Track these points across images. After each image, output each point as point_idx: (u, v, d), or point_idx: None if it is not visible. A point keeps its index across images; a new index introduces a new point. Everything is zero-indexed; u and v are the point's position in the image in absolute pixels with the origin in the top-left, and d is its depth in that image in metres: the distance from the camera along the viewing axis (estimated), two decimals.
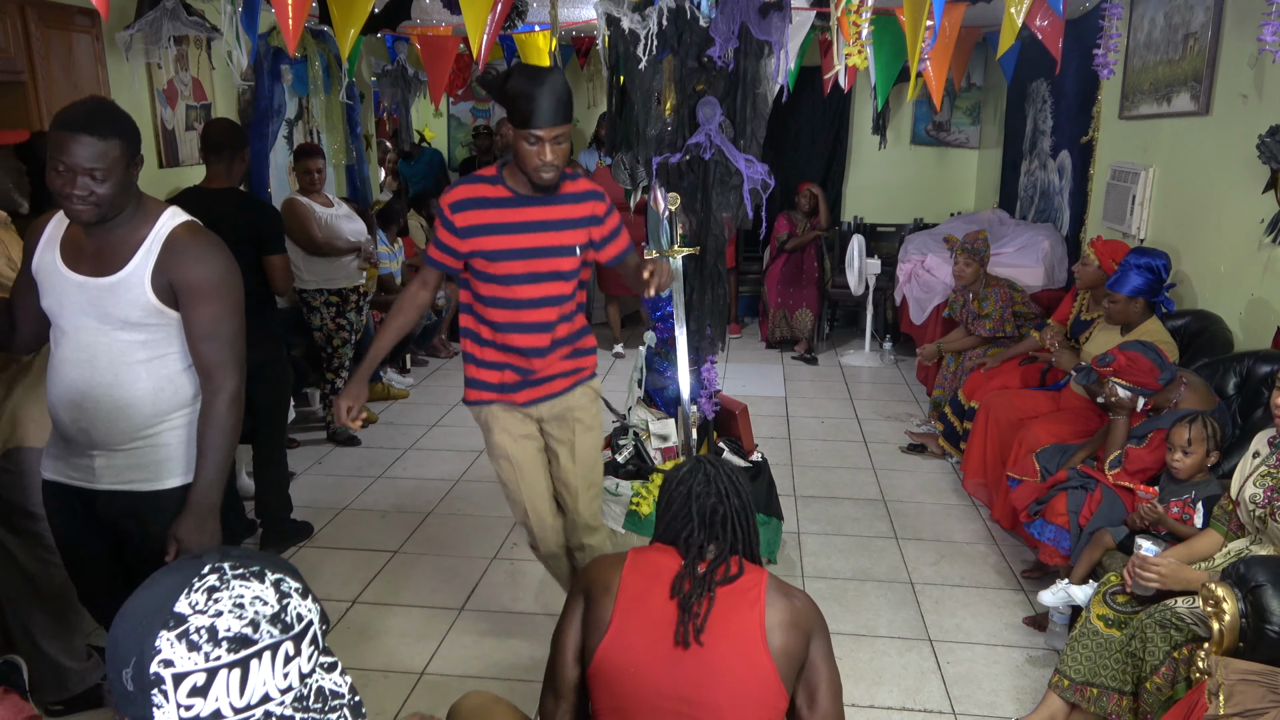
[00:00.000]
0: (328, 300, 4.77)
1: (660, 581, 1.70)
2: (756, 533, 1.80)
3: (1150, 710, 2.25)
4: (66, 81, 3.81)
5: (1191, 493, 2.73)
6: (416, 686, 2.84)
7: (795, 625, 1.67)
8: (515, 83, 2.35)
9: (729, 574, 1.71)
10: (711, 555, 1.73)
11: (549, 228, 2.49)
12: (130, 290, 1.96)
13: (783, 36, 3.04)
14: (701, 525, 1.74)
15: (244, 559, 0.99)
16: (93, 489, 2.09)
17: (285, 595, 0.97)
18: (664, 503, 1.82)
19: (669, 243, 3.18)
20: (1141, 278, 3.52)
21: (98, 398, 1.99)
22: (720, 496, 1.76)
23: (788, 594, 1.72)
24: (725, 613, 1.67)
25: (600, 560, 1.85)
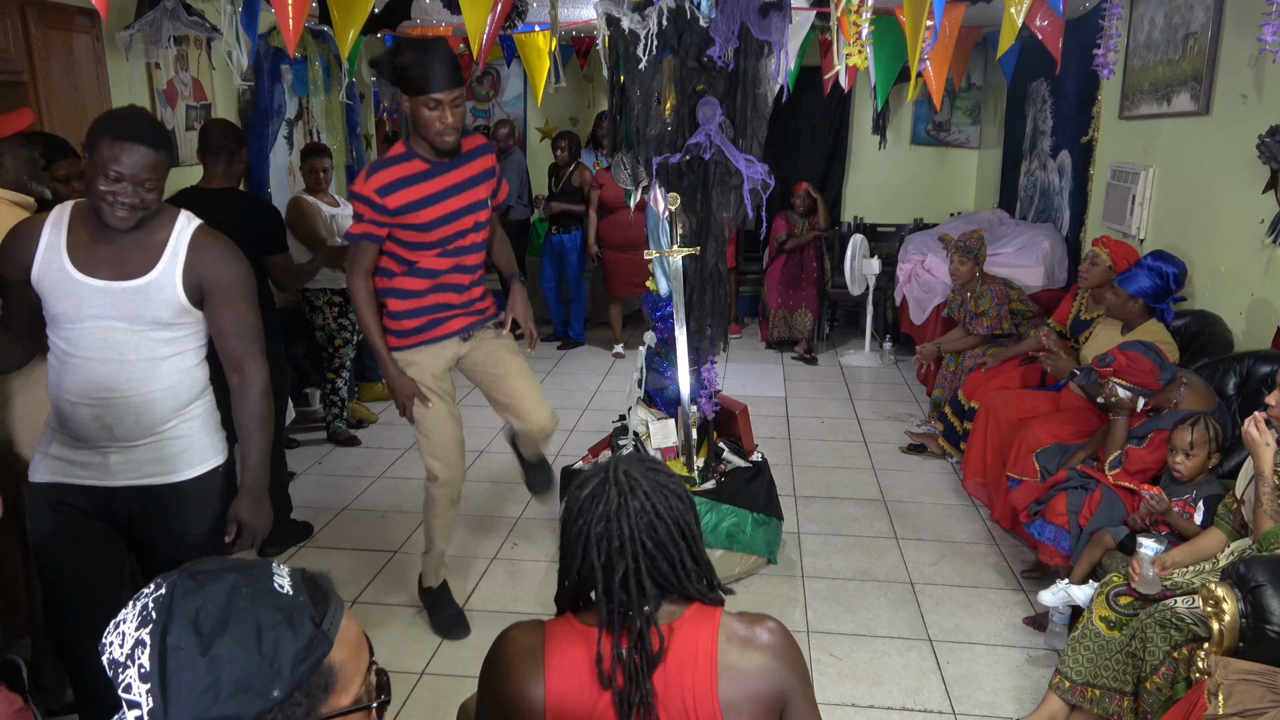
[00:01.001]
0: (330, 300, 4.76)
1: (590, 685, 1.31)
2: (697, 568, 1.37)
3: (1150, 710, 2.25)
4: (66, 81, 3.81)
5: (1192, 492, 2.73)
6: (416, 686, 2.84)
7: (766, 692, 1.32)
8: (405, 56, 2.55)
9: (651, 655, 1.30)
10: (638, 623, 1.31)
11: (464, 187, 2.76)
12: (162, 292, 2.03)
13: (783, 36, 3.04)
14: (610, 591, 1.31)
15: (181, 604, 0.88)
16: (106, 486, 2.11)
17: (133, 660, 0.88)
18: (562, 543, 1.38)
19: (669, 243, 3.18)
20: (1149, 280, 3.52)
21: (125, 394, 2.04)
22: (624, 540, 1.31)
23: (751, 646, 1.33)
24: (673, 705, 1.30)
25: (509, 661, 1.36)
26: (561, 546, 1.39)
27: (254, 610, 0.89)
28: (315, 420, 5.17)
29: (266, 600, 0.90)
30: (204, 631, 0.87)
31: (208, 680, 0.86)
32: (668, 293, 3.31)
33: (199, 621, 0.87)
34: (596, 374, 6.32)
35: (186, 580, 0.91)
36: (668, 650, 1.32)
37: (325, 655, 0.92)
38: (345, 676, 0.94)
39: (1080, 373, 3.44)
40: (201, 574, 0.92)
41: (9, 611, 2.86)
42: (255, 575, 0.93)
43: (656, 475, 1.38)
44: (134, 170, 1.91)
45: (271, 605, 0.90)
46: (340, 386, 4.91)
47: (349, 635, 0.97)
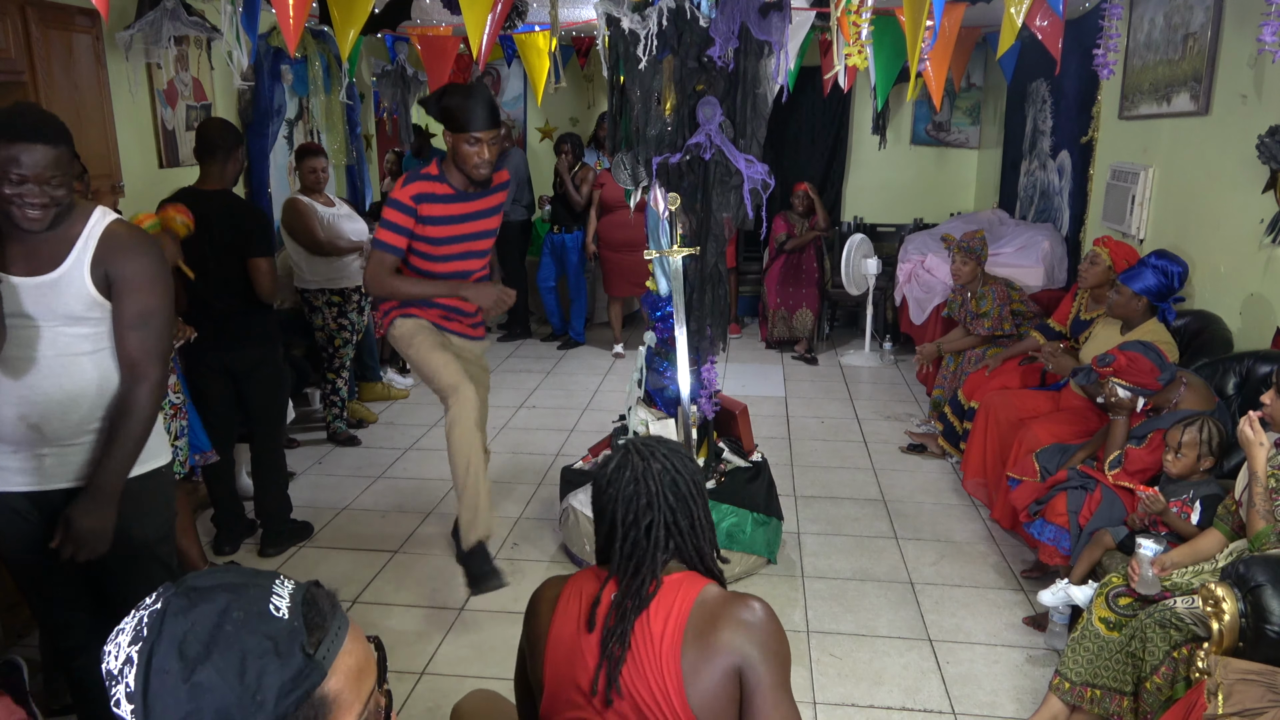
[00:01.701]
0: (329, 300, 4.77)
1: (585, 614, 1.48)
2: (708, 532, 1.53)
3: (1150, 710, 2.25)
4: (66, 81, 3.81)
5: (1189, 492, 2.73)
6: (416, 686, 2.84)
7: (715, 662, 1.37)
8: (450, 99, 2.92)
9: (644, 597, 1.43)
10: (644, 573, 1.46)
11: (479, 216, 3.11)
12: (72, 284, 2.00)
13: (783, 36, 3.04)
14: (635, 542, 1.46)
15: (172, 624, 0.87)
16: (45, 491, 2.08)
17: (116, 680, 0.87)
18: (595, 512, 1.54)
19: (669, 243, 3.18)
20: (1155, 278, 3.52)
21: (46, 390, 2.01)
22: (651, 497, 1.47)
23: (715, 624, 1.39)
24: (638, 659, 1.40)
25: (535, 600, 1.59)
26: (595, 516, 1.54)
27: (241, 637, 0.86)
28: (315, 420, 5.17)
29: (256, 626, 0.87)
30: (188, 656, 0.85)
31: (188, 707, 0.84)
32: (668, 293, 3.31)
33: (185, 645, 0.85)
34: (596, 374, 6.32)
35: (180, 598, 0.88)
36: (655, 601, 1.44)
37: (316, 686, 0.88)
38: (340, 706, 0.91)
39: (1080, 373, 3.44)
40: (195, 592, 0.89)
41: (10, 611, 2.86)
42: (251, 596, 0.90)
43: (668, 443, 1.57)
44: (36, 170, 1.87)
45: (261, 632, 0.87)
46: (340, 386, 4.91)
47: (348, 663, 0.92)
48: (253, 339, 3.54)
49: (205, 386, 3.50)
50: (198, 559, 3.38)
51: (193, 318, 3.40)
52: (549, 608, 1.53)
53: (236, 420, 3.68)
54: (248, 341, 3.52)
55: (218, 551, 3.66)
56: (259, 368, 3.57)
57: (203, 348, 3.43)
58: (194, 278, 3.22)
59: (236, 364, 3.51)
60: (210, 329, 3.41)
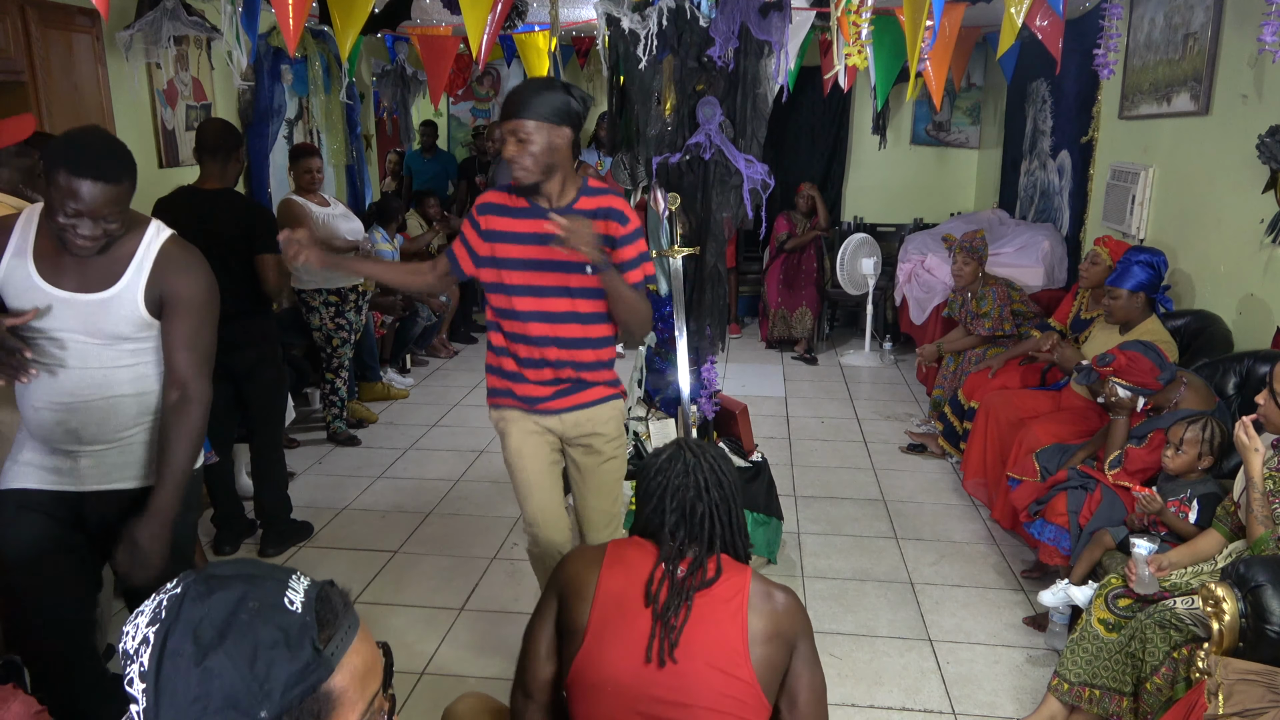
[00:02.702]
0: (326, 300, 4.76)
1: (638, 585, 1.61)
2: (742, 527, 1.70)
3: (1150, 711, 2.25)
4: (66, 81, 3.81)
5: (1187, 491, 2.74)
6: (416, 686, 2.84)
7: (779, 634, 1.59)
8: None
9: (706, 579, 1.60)
10: (691, 555, 1.62)
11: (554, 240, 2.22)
12: (124, 306, 1.99)
13: (783, 36, 3.03)
14: (680, 523, 1.64)
15: (190, 609, 0.88)
16: (79, 491, 2.08)
17: (131, 660, 0.89)
18: (641, 494, 1.70)
19: (669, 243, 3.18)
20: (1145, 273, 3.52)
21: (89, 399, 2.01)
22: (700, 490, 1.64)
23: (771, 600, 1.61)
24: (705, 623, 1.57)
25: (577, 556, 1.74)
26: (639, 499, 1.70)
27: (255, 627, 0.88)
28: (315, 420, 5.17)
29: (270, 617, 0.89)
30: (202, 641, 0.86)
31: (198, 691, 0.85)
32: (668, 293, 3.31)
33: (200, 630, 0.87)
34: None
35: (200, 584, 0.90)
36: (713, 577, 1.61)
37: (322, 682, 0.90)
38: (344, 704, 0.92)
39: (1080, 372, 3.44)
40: (214, 579, 0.91)
41: None
42: (267, 588, 0.92)
43: (715, 447, 1.76)
44: (93, 205, 1.85)
45: (274, 624, 0.89)
46: (339, 386, 4.91)
47: (355, 662, 0.94)
48: (253, 339, 3.54)
49: None
50: (198, 559, 3.38)
51: None
52: (594, 564, 1.66)
53: (236, 421, 3.68)
54: (248, 342, 3.52)
55: (218, 551, 3.66)
56: (259, 368, 3.56)
57: None
58: None
59: (237, 364, 3.51)
60: None
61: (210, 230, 3.34)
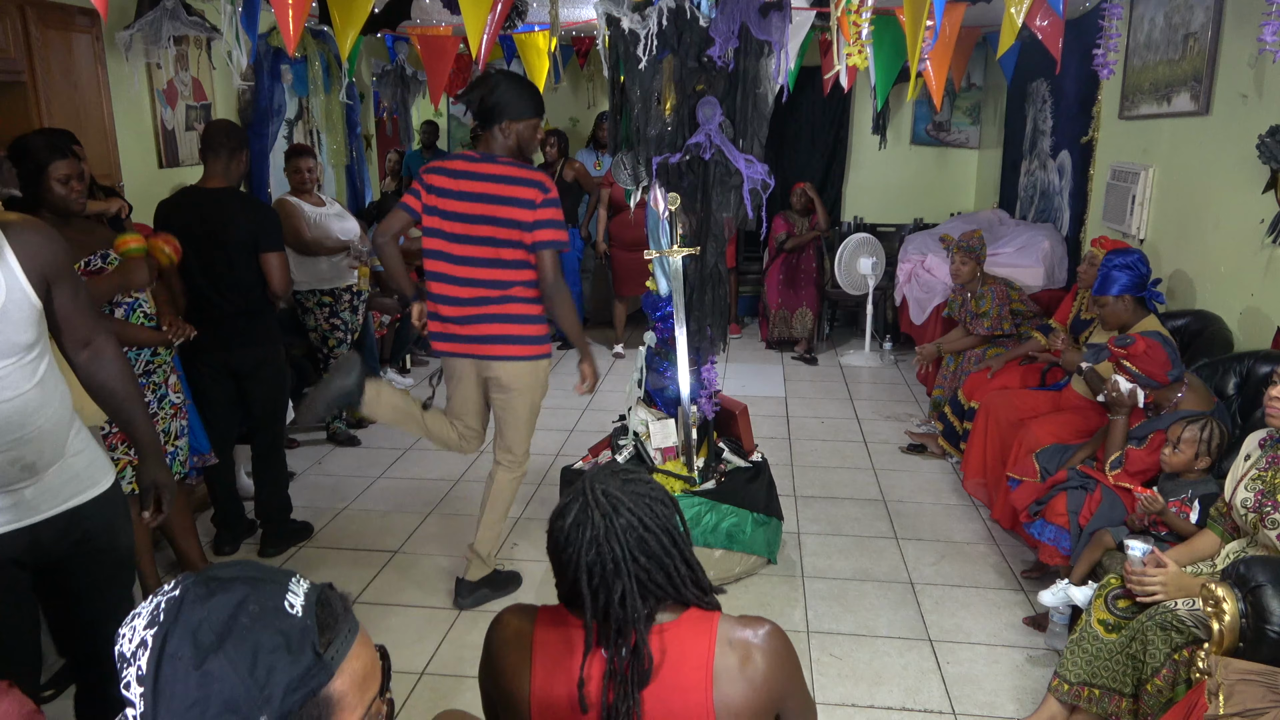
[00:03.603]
0: (320, 300, 4.76)
1: (576, 681, 1.31)
2: (691, 574, 1.36)
3: (1150, 712, 2.25)
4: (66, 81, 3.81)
5: (1188, 491, 2.74)
6: (416, 686, 2.84)
7: (758, 706, 1.32)
8: (511, 84, 2.97)
9: (643, 671, 1.29)
10: (632, 636, 1.30)
11: (495, 201, 2.92)
12: (21, 308, 1.76)
13: (783, 36, 3.03)
14: (609, 610, 1.29)
15: (189, 612, 0.88)
16: (29, 525, 1.87)
17: (128, 662, 0.88)
18: (556, 565, 1.36)
19: (669, 243, 3.18)
20: (1126, 275, 3.52)
21: (37, 425, 1.80)
22: (619, 561, 1.29)
23: (747, 664, 1.31)
24: (670, 707, 1.29)
25: (497, 649, 1.42)
26: (555, 565, 1.37)
27: (255, 631, 0.87)
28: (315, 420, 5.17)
29: (270, 621, 0.88)
30: (202, 645, 0.86)
31: (197, 695, 0.85)
32: (668, 293, 3.31)
33: (199, 634, 0.86)
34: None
35: (199, 586, 0.90)
36: (662, 658, 1.32)
37: (323, 686, 0.89)
38: (344, 709, 0.92)
39: (1091, 349, 3.42)
40: (215, 582, 0.90)
41: None
42: (267, 591, 0.91)
43: (635, 486, 1.35)
44: None
45: (275, 628, 0.88)
46: None
47: (354, 666, 0.94)
48: (256, 339, 3.54)
49: (207, 386, 3.50)
50: (198, 559, 3.38)
51: (195, 318, 3.40)
52: (522, 658, 1.37)
53: (238, 420, 3.68)
54: (251, 341, 3.52)
55: (217, 551, 3.66)
56: (262, 368, 3.57)
57: (205, 348, 3.43)
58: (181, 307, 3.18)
59: (240, 364, 3.51)
60: (213, 329, 3.41)
61: (215, 230, 3.35)
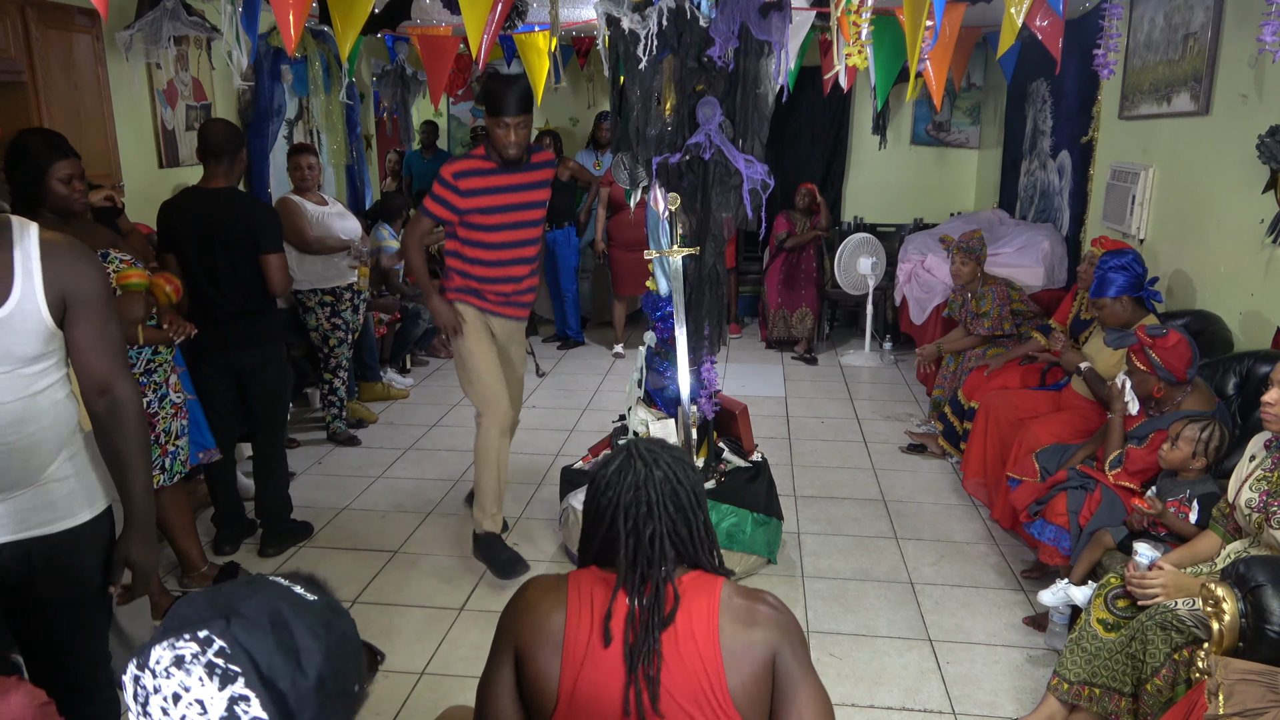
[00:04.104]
0: (322, 300, 4.76)
1: (601, 625, 1.43)
2: (708, 536, 1.52)
3: (1150, 711, 2.25)
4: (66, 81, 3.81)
5: (1186, 491, 2.74)
6: (416, 686, 2.84)
7: (755, 656, 1.42)
8: (490, 84, 3.28)
9: (665, 615, 1.42)
10: (651, 583, 1.43)
11: (524, 188, 3.37)
12: (27, 320, 1.70)
13: (783, 36, 3.03)
14: (637, 548, 1.44)
15: (250, 643, 0.90)
16: None
17: (233, 718, 0.88)
18: (591, 513, 1.50)
19: (669, 243, 3.18)
20: (1122, 277, 3.52)
21: (8, 439, 1.72)
22: (651, 505, 1.44)
23: (746, 615, 1.44)
24: (678, 665, 1.40)
25: (532, 601, 1.51)
26: (588, 517, 1.50)
27: (298, 619, 0.94)
28: (315, 420, 5.17)
29: (302, 609, 0.96)
30: (288, 646, 0.91)
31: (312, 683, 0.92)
32: (668, 293, 3.31)
33: (276, 648, 0.91)
34: (596, 374, 6.32)
35: (220, 621, 0.90)
36: (676, 604, 1.43)
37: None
38: None
39: (1114, 334, 3.41)
40: (233, 612, 0.92)
41: None
42: (265, 596, 0.95)
43: (673, 450, 1.53)
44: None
45: (305, 614, 0.96)
46: (338, 386, 4.91)
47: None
48: (258, 338, 3.54)
49: (208, 386, 3.50)
50: (198, 559, 3.38)
51: (196, 318, 3.40)
52: (555, 614, 1.46)
53: (240, 419, 3.68)
54: (253, 341, 3.52)
55: (218, 551, 3.66)
56: (264, 367, 3.57)
57: (207, 347, 3.43)
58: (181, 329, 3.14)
59: (242, 363, 3.51)
60: (216, 329, 3.42)
61: (217, 231, 3.35)
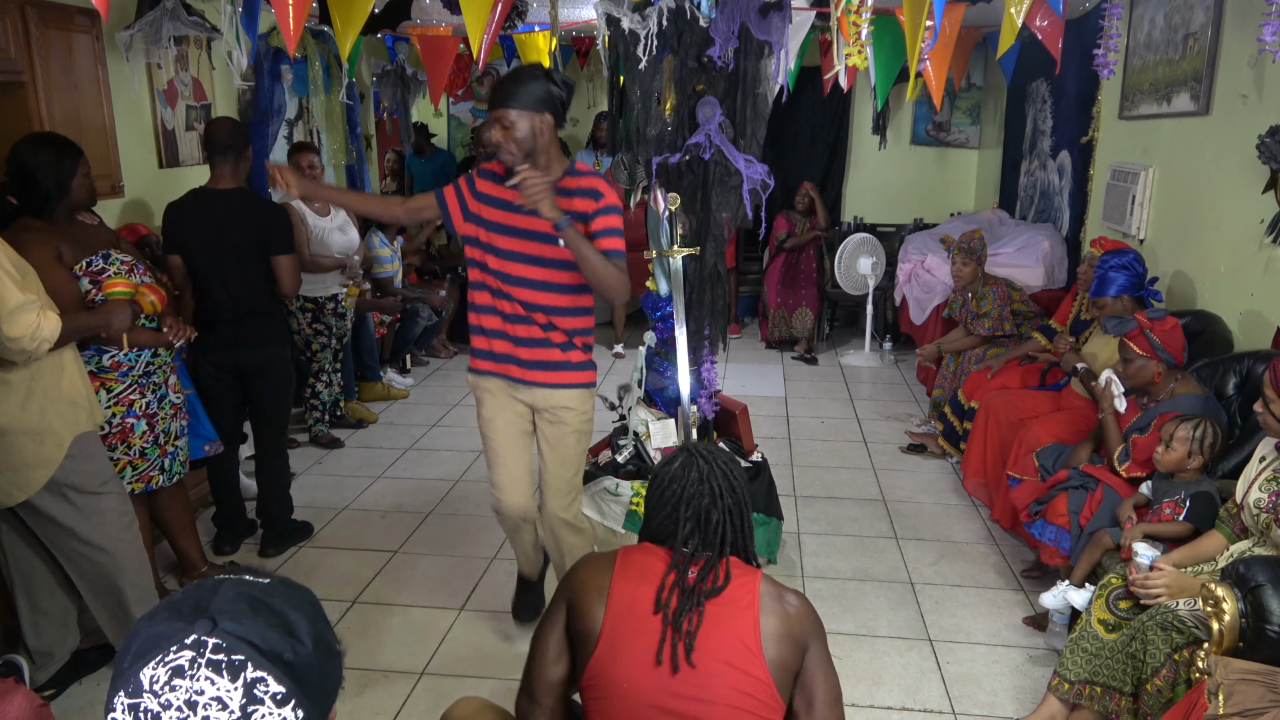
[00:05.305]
0: (303, 306, 4.76)
1: (649, 592, 1.63)
2: (752, 531, 1.75)
3: (1150, 712, 2.25)
4: (66, 81, 3.81)
5: (1181, 493, 2.74)
6: (416, 686, 2.84)
7: (790, 635, 1.61)
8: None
9: (717, 584, 1.63)
10: (703, 561, 1.65)
11: (534, 211, 2.45)
12: None
13: (783, 36, 3.03)
14: (695, 531, 1.66)
15: (242, 630, 0.90)
16: None
17: (255, 702, 0.88)
18: (653, 501, 1.73)
19: (669, 243, 3.18)
20: (1123, 275, 3.53)
21: None
22: (715, 497, 1.68)
23: (782, 601, 1.64)
24: (718, 626, 1.59)
25: (588, 563, 1.75)
26: (651, 506, 1.72)
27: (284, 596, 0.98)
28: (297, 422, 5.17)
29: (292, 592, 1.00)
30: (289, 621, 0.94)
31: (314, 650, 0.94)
32: (668, 293, 3.31)
33: (275, 627, 0.93)
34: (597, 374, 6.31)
35: (208, 624, 0.90)
36: (724, 580, 1.63)
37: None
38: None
39: (1114, 322, 3.43)
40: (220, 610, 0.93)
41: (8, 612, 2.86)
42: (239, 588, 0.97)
43: (725, 452, 1.76)
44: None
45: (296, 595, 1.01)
46: (320, 390, 4.91)
47: None
48: (264, 339, 3.54)
49: (212, 386, 3.50)
50: (198, 559, 3.37)
51: (203, 319, 3.40)
52: (606, 570, 1.67)
53: (243, 420, 3.68)
54: (259, 342, 3.52)
55: (218, 551, 3.66)
56: (269, 368, 3.57)
57: (213, 348, 3.43)
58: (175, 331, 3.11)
59: (247, 364, 3.51)
60: (222, 330, 3.42)
61: (225, 231, 3.34)
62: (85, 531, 2.59)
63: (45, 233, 2.71)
